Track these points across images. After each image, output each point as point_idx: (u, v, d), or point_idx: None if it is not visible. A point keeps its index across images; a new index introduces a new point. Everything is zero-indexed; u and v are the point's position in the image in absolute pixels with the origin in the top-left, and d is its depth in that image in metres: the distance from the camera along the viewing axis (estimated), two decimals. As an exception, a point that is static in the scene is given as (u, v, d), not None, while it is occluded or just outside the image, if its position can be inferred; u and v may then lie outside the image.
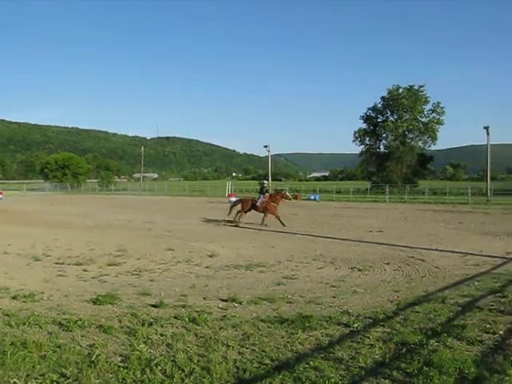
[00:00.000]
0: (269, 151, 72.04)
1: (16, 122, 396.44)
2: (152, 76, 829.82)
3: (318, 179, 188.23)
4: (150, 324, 7.35)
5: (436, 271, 12.13)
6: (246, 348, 6.31)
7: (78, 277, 11.60)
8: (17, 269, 12.52)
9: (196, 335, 6.86)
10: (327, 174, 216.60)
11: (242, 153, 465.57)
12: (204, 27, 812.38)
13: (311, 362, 5.70)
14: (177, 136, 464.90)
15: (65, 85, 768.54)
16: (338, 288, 10.21)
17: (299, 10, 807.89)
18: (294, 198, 30.52)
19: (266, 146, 70.55)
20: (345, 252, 15.27)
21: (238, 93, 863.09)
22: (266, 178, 71.87)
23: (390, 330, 6.94)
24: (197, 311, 8.11)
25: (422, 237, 19.40)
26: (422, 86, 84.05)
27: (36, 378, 5.32)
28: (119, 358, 5.92)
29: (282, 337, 6.75)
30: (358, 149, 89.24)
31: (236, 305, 8.69)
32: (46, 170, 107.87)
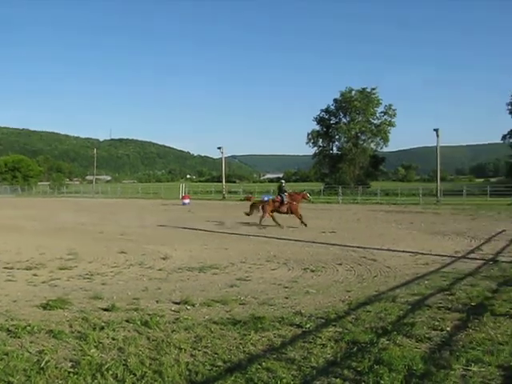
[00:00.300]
0: (222, 153, 72.10)
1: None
2: (105, 77, 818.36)
3: (271, 181, 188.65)
4: (102, 328, 7.24)
5: (387, 271, 12.34)
6: (199, 350, 6.28)
7: (28, 281, 11.32)
8: (-37, 274, 12.18)
9: (148, 338, 6.80)
10: (281, 175, 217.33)
11: (196, 155, 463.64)
12: (153, 26, 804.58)
13: (263, 363, 5.71)
14: (130, 138, 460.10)
15: (14, 85, 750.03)
16: (290, 289, 10.26)
17: (249, 10, 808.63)
18: (247, 199, 30.42)
19: (219, 148, 70.67)
20: (298, 253, 15.38)
21: (191, 94, 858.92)
22: (219, 179, 71.89)
23: (341, 330, 7.01)
24: (149, 314, 8.02)
25: (374, 237, 19.70)
26: (374, 89, 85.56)
27: (-19, 388, 5.19)
28: (69, 364, 5.80)
29: (235, 338, 6.75)
30: (311, 150, 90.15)
31: (189, 307, 8.63)
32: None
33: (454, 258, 14.21)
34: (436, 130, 52.20)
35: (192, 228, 24.14)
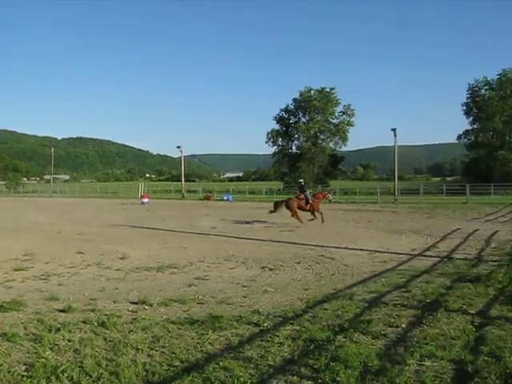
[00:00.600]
0: (182, 152, 72.00)
1: None
2: (64, 75, 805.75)
3: (231, 180, 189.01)
4: (57, 330, 7.10)
5: (345, 269, 12.45)
6: (156, 350, 6.23)
7: (-19, 284, 11.08)
8: None
9: (105, 339, 6.71)
10: (241, 174, 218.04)
11: (155, 154, 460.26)
12: (114, 24, 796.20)
13: (221, 362, 5.70)
14: (89, 137, 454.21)
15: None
16: (249, 288, 10.28)
17: (204, 7, 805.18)
18: (206, 198, 30.46)
19: (179, 147, 70.37)
20: (256, 252, 15.42)
21: (150, 92, 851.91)
22: (179, 178, 71.63)
23: (298, 328, 7.05)
24: (106, 315, 7.91)
25: (333, 236, 19.88)
26: (332, 89, 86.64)
27: None
28: (23, 367, 5.68)
29: (192, 338, 6.72)
30: (271, 150, 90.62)
31: (146, 307, 8.56)
32: None
33: (411, 256, 14.44)
34: (394, 130, 52.95)
35: (151, 227, 23.99)
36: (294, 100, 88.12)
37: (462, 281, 10.36)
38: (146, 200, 50.43)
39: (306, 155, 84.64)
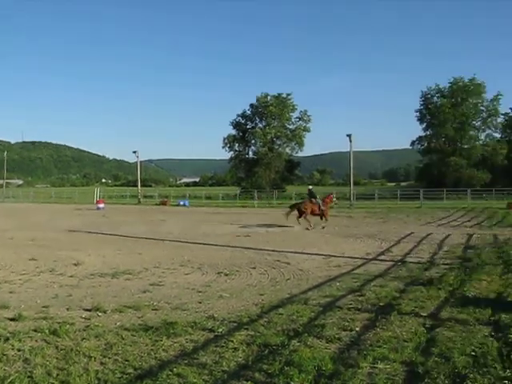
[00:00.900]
0: (138, 157, 71.37)
1: None
2: (17, 79, 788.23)
3: (188, 185, 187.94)
4: (7, 339, 6.92)
5: (300, 274, 12.53)
6: (109, 358, 6.15)
7: None
8: None
9: (56, 348, 6.58)
10: (198, 179, 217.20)
11: (111, 159, 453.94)
12: (63, 28, 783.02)
13: (175, 369, 5.67)
14: (44, 141, 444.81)
15: None
16: (204, 293, 10.25)
17: (148, 9, 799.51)
18: (162, 203, 30.26)
19: (135, 152, 69.74)
20: (212, 257, 15.37)
21: (106, 97, 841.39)
22: (135, 183, 71.08)
23: (253, 333, 7.06)
24: (58, 323, 7.77)
25: (289, 240, 19.99)
26: (289, 94, 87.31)
27: None
28: (-31, 379, 5.54)
29: (146, 345, 6.66)
30: (227, 155, 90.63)
31: (100, 314, 8.45)
32: None
33: (365, 260, 14.65)
34: (349, 136, 53.42)
35: (106, 233, 23.68)
36: (251, 105, 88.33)
37: (415, 284, 10.56)
38: (101, 205, 49.78)
39: (263, 160, 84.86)
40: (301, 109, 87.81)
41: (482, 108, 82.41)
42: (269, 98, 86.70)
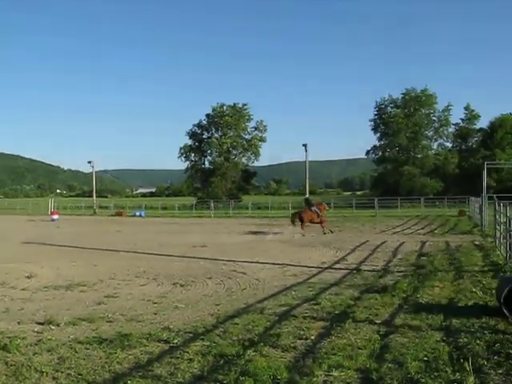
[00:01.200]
0: (93, 167, 70.64)
1: None
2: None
3: (144, 195, 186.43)
4: (-48, 356, 6.73)
5: (256, 283, 12.54)
6: (62, 372, 6.02)
7: None
8: None
9: (6, 363, 6.40)
10: (154, 190, 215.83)
11: (66, 169, 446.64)
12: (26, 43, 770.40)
13: (129, 382, 5.60)
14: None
15: None
16: (159, 304, 10.17)
17: (114, 24, 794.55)
18: (118, 214, 29.97)
19: (89, 162, 69.00)
20: (168, 268, 15.26)
21: (60, 107, 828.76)
22: (90, 194, 70.15)
23: (209, 344, 7.03)
24: (9, 337, 7.56)
25: (244, 250, 19.99)
26: (245, 105, 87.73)
27: None
28: None
29: (100, 358, 6.55)
30: (183, 165, 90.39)
31: (53, 327, 8.28)
32: None
33: (321, 269, 14.75)
34: (305, 146, 53.87)
35: (60, 244, 23.25)
36: (207, 115, 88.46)
37: (370, 292, 10.70)
38: (55, 216, 48.95)
39: (219, 170, 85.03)
40: (257, 118, 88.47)
41: (434, 118, 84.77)
42: (225, 107, 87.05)
